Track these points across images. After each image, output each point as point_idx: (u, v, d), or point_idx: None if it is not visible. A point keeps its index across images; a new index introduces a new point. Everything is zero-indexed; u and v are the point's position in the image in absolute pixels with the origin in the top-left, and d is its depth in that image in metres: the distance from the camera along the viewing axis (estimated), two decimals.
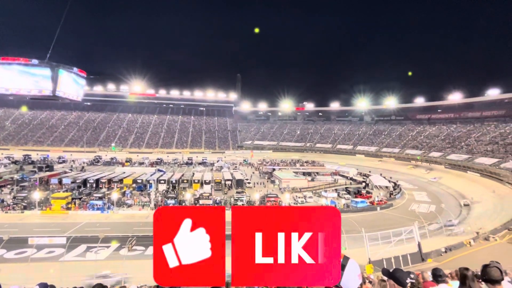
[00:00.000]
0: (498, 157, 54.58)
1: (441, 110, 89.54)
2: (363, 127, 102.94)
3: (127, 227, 30.43)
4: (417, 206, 41.91)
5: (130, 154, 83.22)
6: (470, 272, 3.13)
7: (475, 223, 30.12)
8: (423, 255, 21.60)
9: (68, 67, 35.26)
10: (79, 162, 68.24)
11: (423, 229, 27.37)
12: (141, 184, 45.84)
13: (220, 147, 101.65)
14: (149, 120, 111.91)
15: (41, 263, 21.22)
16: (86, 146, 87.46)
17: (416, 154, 73.12)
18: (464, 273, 3.15)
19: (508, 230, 27.03)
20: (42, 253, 23.35)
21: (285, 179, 51.01)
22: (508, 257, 21.10)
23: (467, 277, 3.10)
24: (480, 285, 3.11)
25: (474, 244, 24.25)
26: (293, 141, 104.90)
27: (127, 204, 38.15)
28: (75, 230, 29.70)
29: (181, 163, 73.85)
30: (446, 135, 76.81)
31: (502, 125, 68.40)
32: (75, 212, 35.06)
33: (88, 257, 23.20)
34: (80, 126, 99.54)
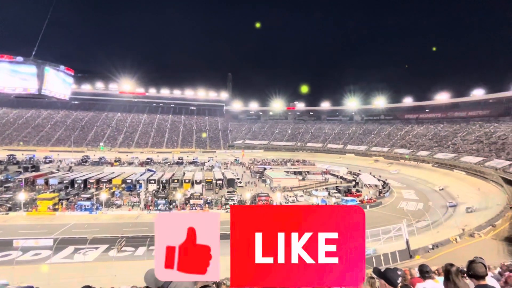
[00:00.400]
0: (483, 155, 56.11)
1: (428, 110, 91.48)
2: (353, 127, 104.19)
3: (117, 228, 29.97)
4: (405, 204, 42.70)
5: (119, 154, 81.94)
6: (454, 268, 3.21)
7: (461, 220, 30.94)
8: (411, 252, 22.03)
9: (55, 64, 34.46)
10: (66, 162, 66.74)
11: (411, 226, 27.92)
12: (130, 184, 45.19)
13: (211, 146, 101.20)
14: (138, 119, 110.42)
15: (27, 266, 20.67)
16: (74, 146, 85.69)
17: (405, 153, 74.48)
18: (448, 269, 3.23)
19: (492, 226, 27.85)
20: (28, 256, 22.77)
21: (276, 178, 51.15)
22: (491, 253, 21.79)
23: (451, 273, 3.17)
24: (464, 280, 3.19)
25: (460, 241, 24.89)
26: (284, 141, 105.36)
27: (116, 205, 37.55)
28: (63, 231, 29.07)
29: (171, 163, 73.13)
30: (433, 135, 78.50)
31: (486, 125, 70.38)
32: (63, 213, 34.30)
33: (76, 258, 22.73)
34: (67, 125, 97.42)
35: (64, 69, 35.64)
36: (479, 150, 59.58)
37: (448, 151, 65.70)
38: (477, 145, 62.80)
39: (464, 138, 69.34)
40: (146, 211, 36.01)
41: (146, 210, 36.20)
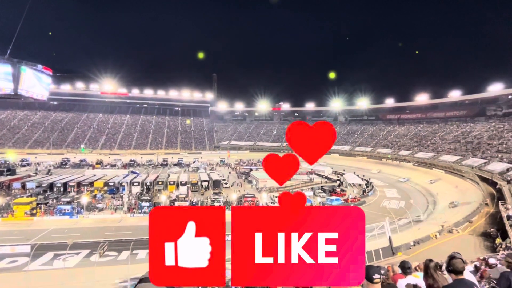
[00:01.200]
0: (460, 154, 58.45)
1: (409, 111, 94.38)
2: (337, 127, 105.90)
3: (99, 232, 29.09)
4: (388, 202, 43.82)
5: (101, 156, 79.64)
6: (432, 263, 3.33)
7: (440, 217, 32.06)
8: (394, 249, 22.59)
9: (32, 64, 33.10)
10: (44, 165, 64.28)
11: (393, 224, 28.63)
12: (113, 187, 44.04)
13: (197, 147, 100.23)
14: (121, 120, 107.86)
15: (2, 274, 19.78)
16: (53, 148, 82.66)
17: (387, 153, 76.49)
18: (427, 264, 3.35)
19: (469, 222, 29.05)
20: (3, 263, 21.73)
21: (262, 179, 51.19)
22: (468, 248, 22.72)
23: (429, 268, 3.30)
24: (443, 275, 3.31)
25: (440, 237, 25.80)
26: (270, 141, 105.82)
27: (98, 208, 36.48)
28: (41, 237, 27.94)
29: (156, 165, 71.86)
30: (414, 134, 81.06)
31: (463, 125, 73.40)
32: (41, 218, 33.00)
33: (56, 265, 21.88)
34: (46, 126, 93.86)
35: (41, 69, 34.30)
36: (457, 149, 62.02)
37: (428, 151, 68.01)
38: (454, 144, 65.35)
39: (442, 138, 71.99)
40: (130, 214, 35.20)
41: (130, 213, 35.39)
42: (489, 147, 56.62)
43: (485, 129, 65.61)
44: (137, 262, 20.48)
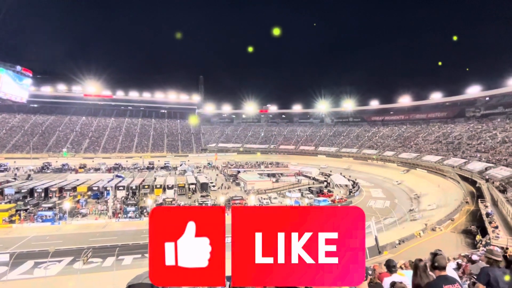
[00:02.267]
0: (442, 154, 60.34)
1: (393, 112, 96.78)
2: (323, 129, 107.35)
3: (82, 238, 28.23)
4: (373, 202, 44.67)
5: (84, 160, 77.57)
6: (422, 263, 3.42)
7: (423, 215, 32.97)
8: (380, 248, 23.03)
9: (10, 65, 32.09)
10: (24, 170, 61.89)
11: (379, 223, 29.22)
12: (97, 192, 42.91)
13: (183, 150, 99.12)
14: (105, 123, 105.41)
15: None
16: (33, 152, 79.60)
17: (372, 154, 78.07)
18: (417, 264, 3.45)
19: (451, 220, 29.97)
20: None
21: (250, 181, 51.22)
22: (451, 245, 23.44)
23: (419, 267, 3.39)
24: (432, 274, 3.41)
25: (424, 235, 26.51)
26: (258, 143, 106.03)
27: (82, 214, 35.41)
28: (20, 245, 26.83)
29: (141, 168, 70.61)
30: (398, 135, 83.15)
31: (444, 126, 75.93)
32: (20, 225, 31.72)
33: (37, 273, 21.01)
34: (25, 130, 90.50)
35: (20, 70, 33.29)
36: (438, 150, 64.01)
37: (411, 151, 69.88)
38: (436, 144, 67.43)
39: (425, 138, 74.16)
40: (115, 219, 34.35)
41: (115, 218, 34.53)
42: (468, 147, 58.74)
43: (464, 129, 68.08)
44: (122, 268, 20.00)
